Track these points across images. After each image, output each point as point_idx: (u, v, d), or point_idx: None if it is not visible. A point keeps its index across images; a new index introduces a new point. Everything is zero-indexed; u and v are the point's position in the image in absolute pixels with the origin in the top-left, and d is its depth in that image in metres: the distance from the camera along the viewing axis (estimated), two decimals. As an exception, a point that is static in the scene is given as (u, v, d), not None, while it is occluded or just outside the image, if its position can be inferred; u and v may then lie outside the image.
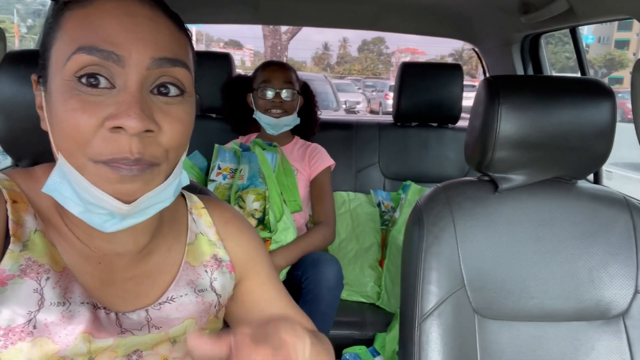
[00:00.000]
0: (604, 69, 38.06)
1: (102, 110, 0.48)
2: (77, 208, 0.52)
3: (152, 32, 0.51)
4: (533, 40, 1.81)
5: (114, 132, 0.48)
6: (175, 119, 0.52)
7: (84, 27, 0.49)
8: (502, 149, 0.90)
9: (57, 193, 0.52)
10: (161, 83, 0.52)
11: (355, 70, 55.38)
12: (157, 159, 0.51)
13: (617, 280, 0.92)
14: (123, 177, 0.49)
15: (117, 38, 0.49)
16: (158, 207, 0.55)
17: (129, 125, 0.47)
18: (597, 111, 0.90)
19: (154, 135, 0.51)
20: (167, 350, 0.60)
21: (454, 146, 1.97)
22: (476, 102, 0.95)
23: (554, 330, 0.91)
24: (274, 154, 1.55)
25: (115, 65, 0.49)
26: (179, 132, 0.53)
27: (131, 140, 0.48)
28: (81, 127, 0.48)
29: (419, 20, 2.00)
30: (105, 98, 0.49)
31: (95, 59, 0.48)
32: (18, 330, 0.49)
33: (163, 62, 0.51)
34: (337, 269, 1.35)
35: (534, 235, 0.93)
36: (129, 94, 0.49)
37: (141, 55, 0.49)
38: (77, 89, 0.49)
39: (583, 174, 0.97)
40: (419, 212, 0.95)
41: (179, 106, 0.53)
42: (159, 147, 0.51)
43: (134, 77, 0.49)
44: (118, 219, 0.52)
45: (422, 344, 0.87)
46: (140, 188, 0.51)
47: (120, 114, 0.48)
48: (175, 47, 0.53)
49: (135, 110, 0.48)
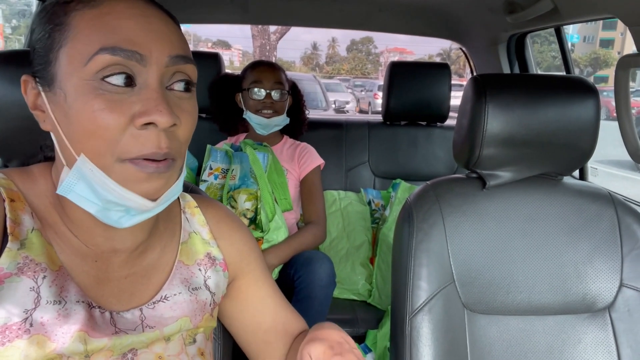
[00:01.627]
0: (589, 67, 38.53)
1: (128, 108, 0.50)
2: (94, 207, 0.52)
3: (165, 32, 0.53)
4: (519, 40, 1.83)
5: (143, 128, 0.50)
6: (188, 113, 0.55)
7: (102, 28, 0.50)
8: (490, 147, 0.91)
9: (73, 194, 0.52)
10: (175, 80, 0.54)
11: (344, 70, 55.45)
12: (178, 154, 0.54)
13: (602, 274, 0.94)
14: (150, 175, 0.51)
15: (138, 38, 0.50)
16: (170, 201, 0.57)
17: (161, 120, 0.49)
18: (582, 108, 0.92)
19: (175, 130, 0.53)
20: (161, 349, 0.60)
21: (442, 144, 1.99)
22: (464, 100, 0.97)
23: (542, 324, 0.93)
24: (266, 154, 1.55)
25: (138, 64, 0.50)
26: (191, 126, 0.55)
27: (160, 136, 0.50)
28: (110, 126, 0.49)
29: (408, 20, 2.02)
30: (128, 96, 0.50)
31: (119, 59, 0.49)
32: (15, 328, 0.50)
33: (178, 59, 0.53)
34: (329, 267, 1.36)
35: (521, 231, 0.95)
36: (154, 91, 0.51)
37: (160, 53, 0.51)
38: (101, 88, 0.49)
39: (568, 171, 0.99)
40: (409, 209, 0.96)
41: (190, 101, 0.56)
42: (178, 141, 0.53)
43: (155, 74, 0.51)
44: (131, 215, 0.53)
45: (413, 339, 0.88)
46: (164, 185, 0.53)
47: (150, 110, 0.49)
48: (184, 44, 0.55)
49: (165, 105, 0.50)
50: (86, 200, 0.52)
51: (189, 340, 0.64)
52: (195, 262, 0.67)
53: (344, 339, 0.58)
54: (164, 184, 0.53)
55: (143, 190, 0.51)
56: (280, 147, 1.69)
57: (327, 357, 0.54)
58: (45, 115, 0.54)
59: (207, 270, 0.67)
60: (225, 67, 2.02)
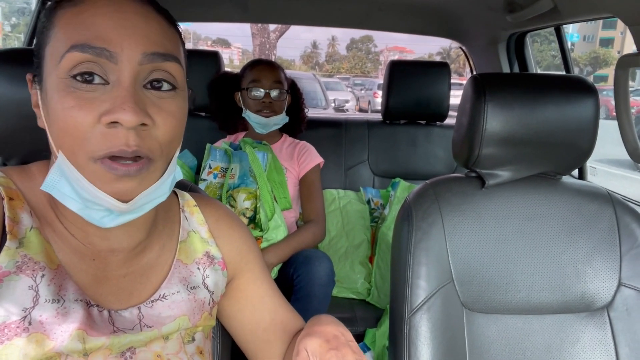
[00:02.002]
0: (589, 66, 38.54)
1: (97, 107, 0.49)
2: (76, 205, 0.52)
3: (143, 28, 0.51)
4: (519, 39, 1.83)
5: (110, 127, 0.49)
6: (169, 113, 0.53)
7: (76, 25, 0.50)
8: (489, 146, 0.91)
9: (56, 190, 0.52)
10: (154, 78, 0.53)
11: (343, 69, 55.42)
12: (153, 153, 0.52)
13: (601, 273, 0.94)
14: (119, 176, 0.50)
15: (109, 35, 0.49)
16: (154, 203, 0.56)
17: (124, 119, 0.48)
18: (581, 108, 0.92)
19: (149, 129, 0.51)
20: (160, 348, 0.60)
21: (441, 143, 1.99)
22: (463, 99, 0.97)
23: (540, 323, 0.93)
24: (265, 153, 1.55)
25: (108, 62, 0.50)
26: (172, 127, 0.53)
27: (128, 134, 0.49)
28: (78, 124, 0.49)
29: (408, 18, 2.02)
30: (100, 94, 0.50)
31: (88, 56, 0.49)
32: (13, 326, 0.50)
33: (155, 56, 0.52)
34: (328, 266, 1.36)
35: (520, 230, 0.95)
36: (123, 89, 0.50)
37: (133, 50, 0.50)
38: (72, 86, 0.49)
39: (567, 170, 0.99)
40: (408, 208, 0.96)
41: (172, 100, 0.54)
42: (154, 141, 0.52)
43: (127, 72, 0.50)
44: (115, 215, 0.53)
45: (411, 338, 0.88)
46: (136, 186, 0.52)
47: (115, 108, 0.48)
48: (166, 41, 0.54)
49: (130, 104, 0.49)
50: (68, 197, 0.52)
51: (188, 338, 0.64)
52: (193, 261, 0.67)
53: (340, 332, 0.57)
54: (136, 185, 0.51)
55: (114, 191, 0.51)
56: (279, 145, 1.69)
57: (323, 351, 0.54)
58: (40, 113, 0.55)
59: (206, 269, 0.67)
60: (224, 65, 2.02)
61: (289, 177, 1.60)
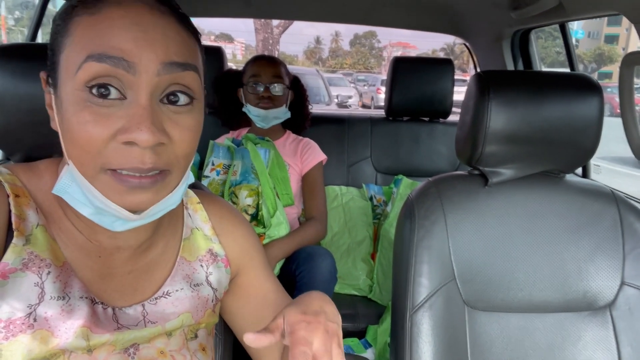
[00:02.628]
0: (593, 63, 38.33)
1: (113, 123, 0.48)
2: (87, 210, 0.52)
3: (161, 38, 0.50)
4: (523, 36, 1.82)
5: (126, 145, 0.48)
6: (185, 128, 0.52)
7: (93, 36, 0.48)
8: (492, 144, 0.91)
9: (68, 195, 0.52)
10: (170, 92, 0.51)
11: (347, 64, 55.28)
12: (170, 166, 0.52)
13: (603, 272, 0.94)
14: (132, 189, 0.49)
15: (127, 45, 0.48)
16: (165, 211, 0.56)
17: (141, 139, 0.47)
18: (585, 106, 0.91)
19: (166, 146, 0.50)
20: (163, 344, 0.60)
21: (445, 140, 1.99)
22: (467, 97, 0.96)
23: (542, 321, 0.93)
24: (267, 149, 1.55)
25: (126, 73, 0.48)
26: (189, 141, 0.53)
27: (144, 153, 0.48)
28: (93, 139, 0.48)
29: (412, 14, 2.01)
30: (116, 110, 0.49)
31: (106, 66, 0.47)
32: (19, 322, 0.50)
33: (173, 66, 0.50)
34: (331, 263, 1.36)
35: (523, 228, 0.95)
36: (140, 107, 0.48)
37: (151, 61, 0.49)
38: (89, 100, 0.48)
39: (571, 168, 0.99)
40: (411, 205, 0.96)
41: (188, 115, 0.53)
42: (171, 155, 0.51)
43: (145, 86, 0.49)
44: (124, 220, 0.53)
45: (413, 336, 0.88)
46: (150, 198, 0.51)
47: (131, 127, 0.48)
48: (185, 50, 0.52)
49: (147, 124, 0.48)
50: (79, 202, 0.52)
51: (191, 335, 0.64)
52: (197, 258, 0.67)
53: (322, 310, 0.52)
54: (151, 197, 0.51)
55: (125, 203, 0.50)
56: (282, 141, 1.69)
57: (297, 321, 0.50)
58: (53, 115, 0.54)
59: (209, 266, 0.68)
60: (227, 60, 2.02)
61: (291, 174, 1.60)
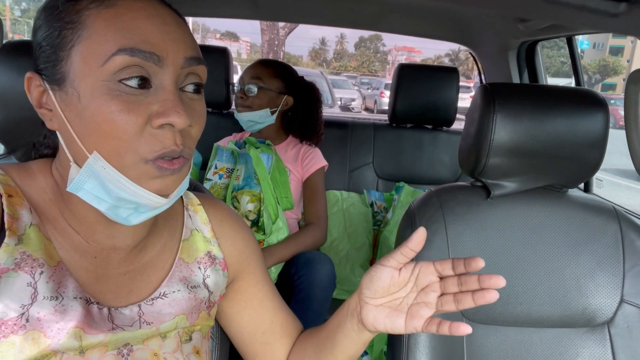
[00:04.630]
0: (597, 74, 38.36)
1: (146, 109, 0.50)
2: (105, 205, 0.53)
3: (180, 33, 0.53)
4: (530, 47, 1.82)
5: (160, 129, 0.51)
6: (200, 113, 0.56)
7: (120, 28, 0.49)
8: (496, 156, 0.91)
9: (84, 191, 0.53)
10: (188, 82, 0.55)
11: (351, 67, 55.34)
12: (190, 150, 0.55)
13: (603, 289, 0.93)
14: (164, 174, 0.52)
15: (155, 39, 0.51)
16: (179, 195, 0.57)
17: (178, 121, 0.50)
18: (591, 122, 0.91)
19: (189, 130, 0.54)
20: (157, 346, 0.60)
21: (447, 149, 1.98)
22: (472, 108, 0.96)
23: (540, 336, 0.93)
24: (270, 155, 1.54)
25: (155, 66, 0.51)
26: (201, 126, 0.56)
27: (176, 135, 0.52)
28: (129, 127, 0.49)
29: (419, 22, 2.00)
30: (145, 97, 0.51)
31: (137, 59, 0.49)
32: (11, 323, 0.50)
33: (192, 60, 0.54)
34: (329, 269, 1.35)
35: (523, 242, 0.94)
36: (171, 93, 0.52)
37: (176, 55, 0.52)
38: (118, 89, 0.49)
39: (574, 183, 0.99)
40: (412, 214, 0.95)
41: (200, 102, 0.57)
42: (191, 140, 0.55)
43: (170, 76, 0.52)
44: (140, 212, 0.54)
45: (410, 347, 0.88)
46: (175, 181, 0.54)
47: (167, 111, 0.50)
48: (196, 45, 0.56)
49: (182, 107, 0.51)
50: (96, 198, 0.53)
51: (185, 337, 0.64)
52: (195, 260, 0.67)
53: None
54: (175, 180, 0.54)
55: (157, 187, 0.53)
56: (284, 146, 1.67)
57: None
58: (52, 114, 0.53)
59: (207, 269, 0.67)
60: (233, 60, 2.01)
61: (292, 180, 1.58)
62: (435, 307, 0.58)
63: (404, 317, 0.59)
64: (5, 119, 0.77)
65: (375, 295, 0.60)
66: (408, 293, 0.60)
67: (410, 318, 0.58)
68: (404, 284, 0.60)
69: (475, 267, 0.55)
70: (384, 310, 0.60)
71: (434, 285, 0.58)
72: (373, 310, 0.61)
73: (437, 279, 0.58)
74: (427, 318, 0.58)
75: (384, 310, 0.60)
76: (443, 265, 0.58)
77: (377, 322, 0.60)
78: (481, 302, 0.54)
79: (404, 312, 0.59)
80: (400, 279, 0.59)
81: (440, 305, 0.58)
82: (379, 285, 0.59)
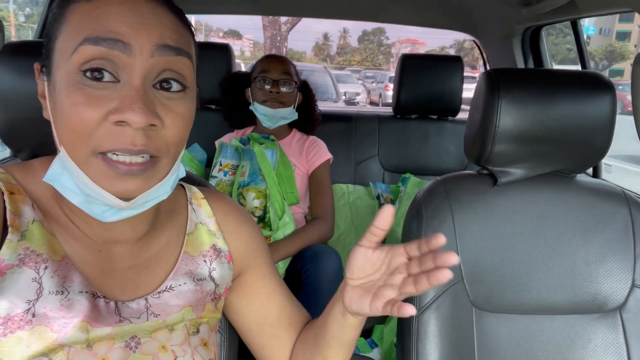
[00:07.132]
0: (604, 60, 37.91)
1: (106, 104, 0.49)
2: (77, 198, 0.53)
3: (155, 22, 0.51)
4: (534, 33, 1.80)
5: (118, 125, 0.49)
6: (177, 114, 0.53)
7: (90, 20, 0.50)
8: (502, 143, 0.90)
9: (58, 183, 0.53)
10: (163, 78, 0.52)
11: (355, 61, 55.17)
12: (160, 152, 0.52)
13: (614, 274, 0.92)
14: (121, 174, 0.50)
15: (122, 27, 0.49)
16: (156, 201, 0.56)
17: (133, 119, 0.48)
18: (597, 105, 0.90)
19: (157, 130, 0.51)
20: (165, 338, 0.60)
21: (453, 139, 1.97)
22: (476, 95, 0.95)
23: (551, 323, 0.92)
24: (274, 151, 1.54)
25: (122, 55, 0.49)
26: (180, 128, 0.53)
27: (135, 134, 0.49)
28: (85, 120, 0.49)
29: (421, 11, 1.99)
30: (109, 92, 0.50)
31: (101, 49, 0.49)
32: (17, 319, 0.50)
33: (167, 49, 0.52)
34: (337, 262, 1.35)
35: (532, 229, 0.93)
36: (133, 89, 0.49)
37: (146, 42, 0.50)
38: (82, 82, 0.49)
39: (582, 168, 0.97)
40: (418, 205, 0.95)
41: (181, 102, 0.54)
42: (162, 140, 0.52)
43: (139, 67, 0.50)
44: (116, 210, 0.53)
45: (419, 336, 0.88)
46: (140, 185, 0.52)
47: (123, 107, 0.48)
48: (179, 37, 0.54)
49: (139, 104, 0.49)
50: (70, 190, 0.53)
51: (193, 330, 0.64)
52: (200, 253, 0.67)
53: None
54: (141, 184, 0.51)
55: (115, 189, 0.51)
56: (288, 140, 1.68)
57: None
58: (46, 104, 0.55)
59: (212, 262, 0.67)
60: (235, 57, 2.01)
61: (297, 174, 1.58)
62: (398, 289, 0.56)
63: (370, 298, 0.57)
64: (9, 120, 0.77)
65: (353, 275, 0.59)
66: (381, 276, 0.58)
67: (375, 299, 0.56)
68: (378, 266, 0.58)
69: (436, 243, 0.52)
70: (358, 291, 0.59)
71: (401, 267, 0.56)
72: (350, 291, 0.59)
73: (405, 261, 0.56)
74: (390, 299, 0.55)
75: (358, 291, 0.59)
76: (410, 246, 0.56)
77: (352, 302, 0.59)
78: (434, 282, 0.51)
79: (372, 293, 0.58)
80: (374, 258, 0.58)
81: (403, 287, 0.55)
82: (354, 264, 0.58)
